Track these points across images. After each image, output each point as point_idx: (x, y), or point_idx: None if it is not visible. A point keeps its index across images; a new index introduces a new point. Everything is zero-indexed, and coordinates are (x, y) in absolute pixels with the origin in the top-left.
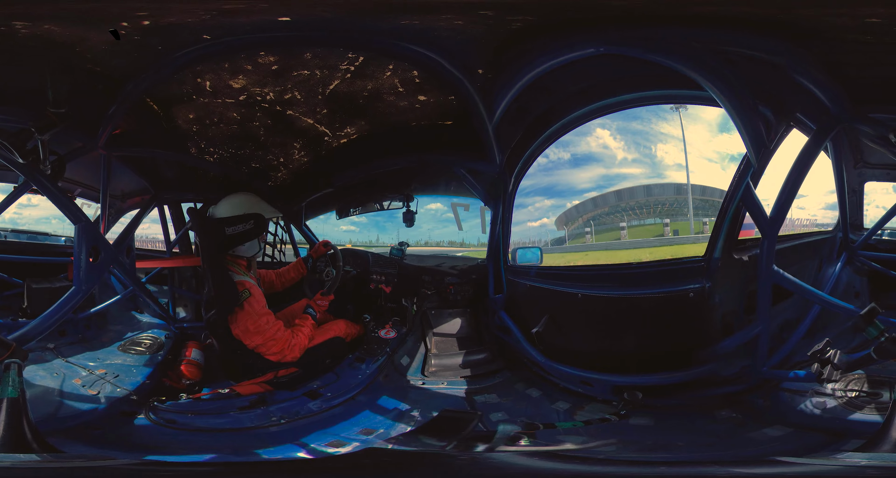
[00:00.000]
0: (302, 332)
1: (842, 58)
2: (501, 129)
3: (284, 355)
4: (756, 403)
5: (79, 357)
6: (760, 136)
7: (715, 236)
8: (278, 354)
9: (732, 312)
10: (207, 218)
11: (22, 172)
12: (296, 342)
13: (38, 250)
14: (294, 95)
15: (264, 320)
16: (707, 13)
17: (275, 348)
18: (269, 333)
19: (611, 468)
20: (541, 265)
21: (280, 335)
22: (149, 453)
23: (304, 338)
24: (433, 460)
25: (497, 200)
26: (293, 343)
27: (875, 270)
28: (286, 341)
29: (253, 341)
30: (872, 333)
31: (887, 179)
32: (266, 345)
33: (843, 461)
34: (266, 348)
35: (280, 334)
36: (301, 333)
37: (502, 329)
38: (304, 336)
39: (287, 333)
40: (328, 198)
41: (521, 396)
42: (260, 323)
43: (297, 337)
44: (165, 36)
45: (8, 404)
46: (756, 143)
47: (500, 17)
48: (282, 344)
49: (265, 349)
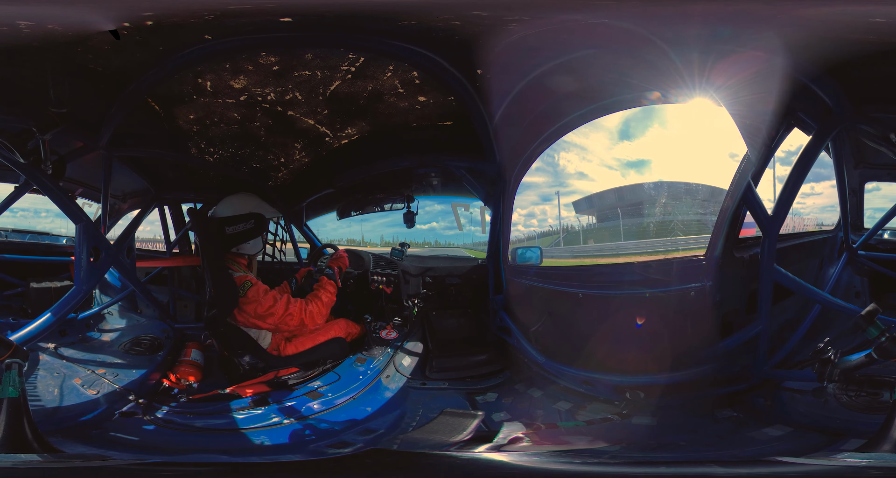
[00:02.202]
0: (318, 297)
1: (844, 57)
2: (501, 129)
3: (306, 325)
4: (757, 402)
5: (79, 357)
6: (760, 135)
7: (716, 235)
8: (300, 326)
9: (733, 312)
10: (208, 218)
11: (23, 172)
12: (312, 308)
13: (39, 250)
14: (295, 96)
15: (270, 299)
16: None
17: (293, 322)
18: (279, 311)
19: (613, 468)
20: (540, 265)
21: (293, 308)
22: (149, 453)
23: (320, 305)
24: (434, 460)
25: (497, 200)
26: (310, 309)
27: (875, 270)
28: (301, 310)
29: (270, 323)
30: (873, 333)
31: (888, 178)
32: (284, 323)
33: (843, 461)
34: (287, 327)
35: (292, 307)
36: (317, 299)
37: (503, 329)
38: (322, 304)
39: (299, 302)
40: (329, 198)
41: (522, 396)
42: (267, 305)
43: (311, 303)
44: (167, 36)
45: (8, 403)
46: (756, 142)
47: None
48: (298, 315)
49: (286, 328)
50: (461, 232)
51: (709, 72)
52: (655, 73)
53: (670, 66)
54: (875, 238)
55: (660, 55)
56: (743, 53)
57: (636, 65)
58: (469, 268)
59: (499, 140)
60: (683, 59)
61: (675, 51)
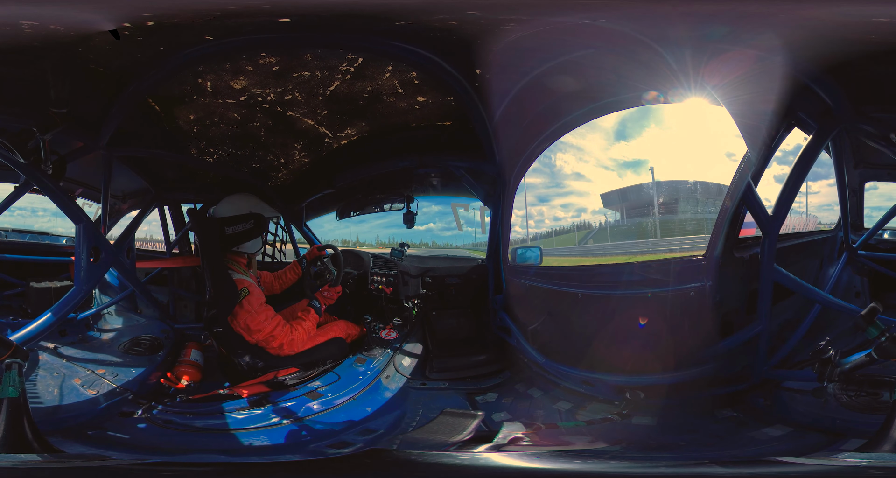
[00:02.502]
0: (302, 326)
1: (845, 57)
2: (500, 129)
3: (283, 350)
4: (757, 402)
5: (79, 357)
6: (760, 134)
7: (716, 235)
8: (277, 349)
9: (733, 311)
10: (207, 218)
11: (23, 172)
12: (294, 337)
13: (39, 250)
14: (295, 96)
15: (262, 317)
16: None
17: (274, 344)
18: (267, 330)
19: (613, 468)
20: (540, 265)
21: (279, 332)
22: (148, 453)
23: (303, 333)
24: (434, 460)
25: (497, 200)
26: (292, 338)
27: (875, 269)
28: (285, 336)
29: (254, 338)
30: (873, 333)
31: (888, 178)
32: (266, 341)
33: (844, 461)
34: (266, 344)
35: (279, 331)
36: (301, 328)
37: (503, 329)
38: (304, 331)
39: (286, 328)
40: (329, 199)
41: (522, 396)
42: (259, 320)
43: (296, 331)
44: (168, 36)
45: (8, 403)
46: (756, 142)
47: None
48: (280, 339)
49: (265, 345)
50: (461, 232)
51: (709, 71)
52: (655, 73)
53: (670, 66)
54: (875, 238)
55: (659, 55)
56: (743, 52)
57: (635, 65)
58: (469, 268)
59: (498, 140)
60: (683, 59)
61: (676, 51)
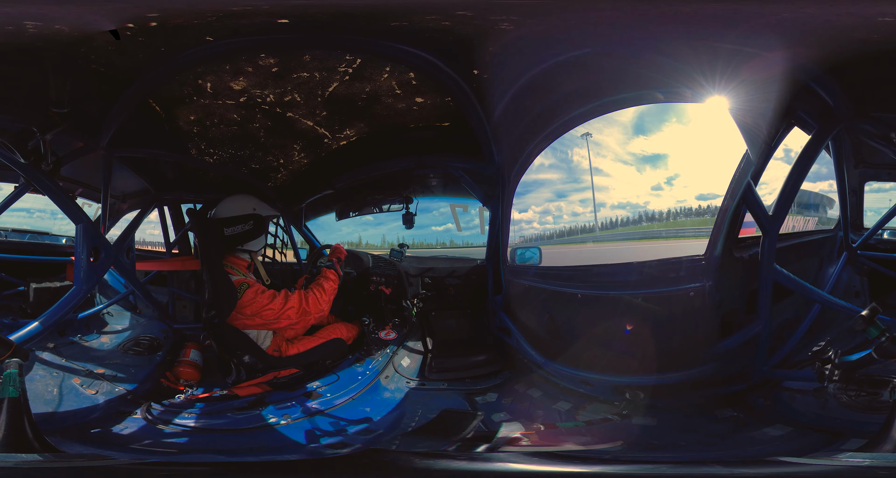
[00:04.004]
0: (319, 285)
1: (846, 56)
2: (499, 129)
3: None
4: (757, 402)
5: (79, 357)
6: (761, 134)
7: (715, 235)
8: (301, 320)
9: (733, 311)
10: (207, 219)
11: (23, 172)
12: (312, 295)
13: (39, 250)
14: (294, 97)
15: (267, 298)
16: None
17: (293, 313)
18: (277, 305)
19: (613, 468)
20: (539, 265)
21: (291, 302)
22: (148, 454)
23: (321, 292)
24: (434, 460)
25: (496, 201)
26: (310, 296)
27: (875, 269)
28: (301, 299)
29: (267, 320)
30: (873, 333)
31: (888, 178)
32: (286, 316)
33: (844, 461)
34: (289, 321)
35: (291, 299)
36: (318, 287)
37: (502, 330)
38: (323, 291)
39: (298, 293)
40: (328, 199)
41: (521, 396)
42: (263, 301)
43: (311, 291)
44: (169, 37)
45: (9, 403)
46: (756, 141)
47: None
48: (298, 304)
49: (288, 322)
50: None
51: (708, 71)
52: (654, 73)
53: (670, 66)
54: (875, 238)
55: (658, 56)
56: (744, 52)
57: (634, 65)
58: (468, 268)
59: (497, 140)
60: (684, 60)
61: (676, 51)
